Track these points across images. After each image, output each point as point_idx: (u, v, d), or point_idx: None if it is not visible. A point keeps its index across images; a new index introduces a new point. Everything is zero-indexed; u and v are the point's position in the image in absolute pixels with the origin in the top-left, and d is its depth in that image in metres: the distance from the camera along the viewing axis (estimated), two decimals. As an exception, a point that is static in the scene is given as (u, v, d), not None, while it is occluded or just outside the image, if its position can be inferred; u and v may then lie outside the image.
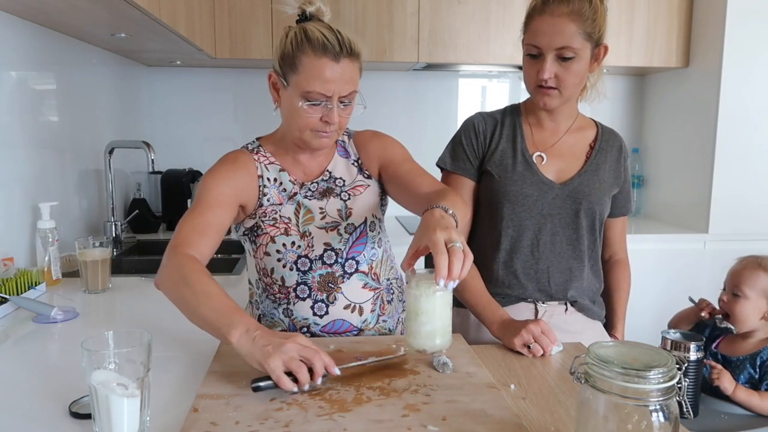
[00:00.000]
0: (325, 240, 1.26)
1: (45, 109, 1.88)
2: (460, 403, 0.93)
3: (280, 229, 1.25)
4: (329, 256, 1.26)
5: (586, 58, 1.30)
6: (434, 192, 1.17)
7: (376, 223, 1.31)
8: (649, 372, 0.67)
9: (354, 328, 1.28)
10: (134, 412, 0.82)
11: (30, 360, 1.16)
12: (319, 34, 1.14)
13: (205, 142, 2.94)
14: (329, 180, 1.30)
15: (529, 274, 1.40)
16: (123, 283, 1.70)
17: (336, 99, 1.15)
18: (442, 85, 3.03)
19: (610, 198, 1.44)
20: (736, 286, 1.56)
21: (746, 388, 1.50)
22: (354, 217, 1.28)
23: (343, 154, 1.34)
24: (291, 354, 0.93)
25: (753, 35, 2.49)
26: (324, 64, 1.13)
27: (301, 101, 1.16)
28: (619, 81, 3.11)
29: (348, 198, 1.29)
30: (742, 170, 2.57)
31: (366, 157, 1.33)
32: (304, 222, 1.26)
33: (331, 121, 1.17)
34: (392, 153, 1.32)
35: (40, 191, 1.81)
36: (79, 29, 1.93)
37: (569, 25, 1.25)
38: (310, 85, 1.14)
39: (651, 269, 2.56)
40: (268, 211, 1.26)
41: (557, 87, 1.30)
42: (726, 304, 1.57)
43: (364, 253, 1.29)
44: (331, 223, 1.27)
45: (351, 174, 1.32)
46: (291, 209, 1.26)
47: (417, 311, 0.89)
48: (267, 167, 1.28)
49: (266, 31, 2.49)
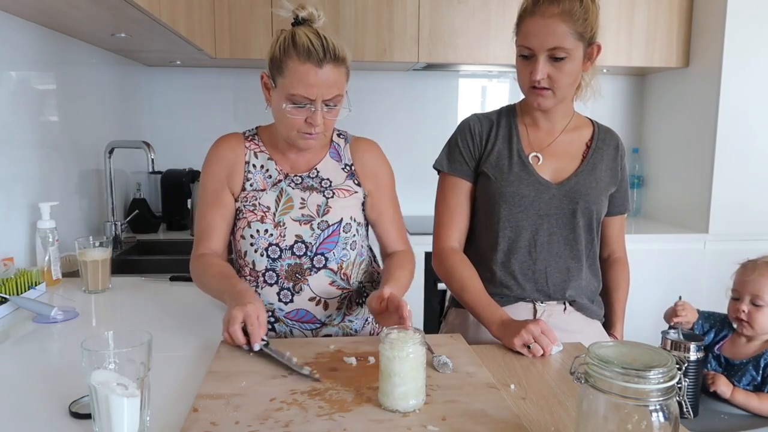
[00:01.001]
0: (297, 232, 1.32)
1: (45, 109, 1.88)
2: (460, 403, 0.93)
3: (257, 216, 1.32)
4: (299, 248, 1.32)
5: (579, 58, 1.30)
6: (391, 257, 1.41)
7: (352, 226, 1.36)
8: (649, 372, 0.67)
9: (317, 321, 1.35)
10: (134, 412, 0.82)
11: (30, 360, 1.16)
12: (306, 39, 1.19)
13: (205, 142, 2.87)
14: (315, 178, 1.36)
15: (527, 275, 1.40)
16: (123, 283, 1.70)
17: (319, 102, 1.21)
18: (442, 85, 3.03)
19: (607, 197, 1.44)
20: (757, 296, 1.53)
21: (744, 390, 1.50)
22: (330, 215, 1.33)
23: (335, 157, 1.39)
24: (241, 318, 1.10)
25: (753, 35, 2.49)
26: (308, 70, 1.19)
27: (285, 103, 1.22)
28: (619, 81, 3.11)
29: (331, 196, 1.35)
30: (742, 170, 2.57)
31: (361, 168, 1.40)
32: (282, 211, 1.33)
33: (314, 123, 1.23)
34: (384, 185, 1.42)
35: (40, 191, 1.81)
36: (79, 29, 1.93)
37: (560, 26, 1.25)
38: (295, 88, 1.21)
39: (651, 269, 2.56)
40: (249, 197, 1.34)
41: (550, 87, 1.30)
42: (748, 315, 1.54)
43: (334, 251, 1.34)
44: (306, 216, 1.32)
45: (339, 177, 1.38)
46: (272, 197, 1.33)
47: (390, 373, 0.90)
48: (256, 154, 1.37)
49: (266, 31, 2.49)
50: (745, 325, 1.55)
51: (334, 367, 1.06)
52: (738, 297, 1.58)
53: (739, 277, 1.59)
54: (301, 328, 1.36)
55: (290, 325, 1.36)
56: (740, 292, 1.57)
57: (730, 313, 1.60)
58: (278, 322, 1.36)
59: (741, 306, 1.55)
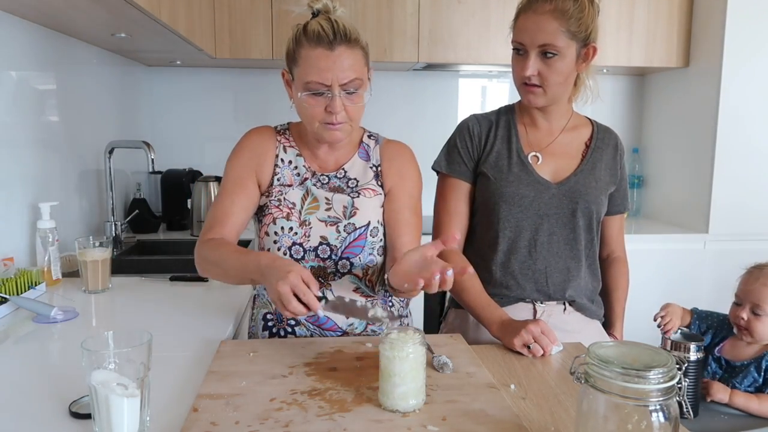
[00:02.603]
0: (322, 233, 1.27)
1: (45, 109, 1.88)
2: (460, 403, 0.93)
3: (283, 212, 1.27)
4: (323, 250, 1.27)
5: (571, 57, 1.30)
6: None
7: (379, 230, 1.30)
8: (649, 372, 0.67)
9: (338, 329, 1.29)
10: (134, 412, 0.82)
11: (30, 360, 1.16)
12: (316, 26, 1.16)
13: (205, 142, 2.94)
14: (342, 178, 1.31)
15: (527, 275, 1.39)
16: (123, 283, 1.70)
17: (336, 87, 1.16)
18: (442, 85, 3.03)
19: (606, 196, 1.44)
20: (758, 306, 1.53)
21: (743, 393, 1.49)
22: (357, 217, 1.28)
23: (364, 157, 1.34)
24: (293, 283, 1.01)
25: (753, 35, 2.48)
26: (319, 54, 1.15)
27: (302, 92, 1.18)
28: (619, 81, 3.10)
29: (357, 196, 1.29)
30: (742, 170, 2.57)
31: (387, 171, 1.33)
32: (308, 210, 1.28)
33: (334, 111, 1.17)
34: (406, 189, 1.32)
35: (40, 191, 1.81)
36: (79, 29, 1.92)
37: (551, 23, 1.26)
38: (309, 75, 1.17)
39: (651, 269, 2.56)
40: (275, 192, 1.29)
41: (541, 85, 1.31)
42: (747, 323, 1.54)
43: (360, 256, 1.28)
44: (332, 218, 1.27)
45: (366, 176, 1.32)
46: (299, 194, 1.29)
47: (390, 373, 0.90)
48: (286, 149, 1.32)
49: (266, 31, 2.49)
50: (745, 332, 1.55)
51: (334, 367, 1.06)
52: (740, 303, 1.58)
53: (743, 284, 1.59)
54: (323, 335, 1.30)
55: (311, 329, 1.30)
56: (742, 299, 1.57)
57: (731, 318, 1.60)
58: (299, 325, 1.30)
59: (741, 313, 1.55)
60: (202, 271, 1.25)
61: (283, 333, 1.31)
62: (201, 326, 1.33)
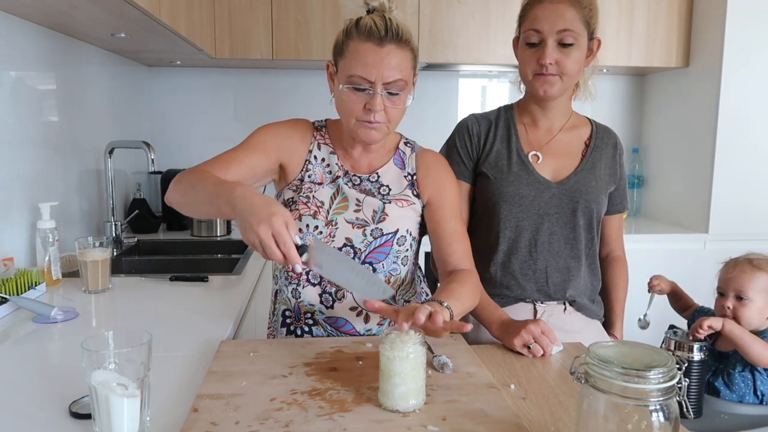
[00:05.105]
0: (347, 234, 1.24)
1: (45, 109, 1.88)
2: (460, 403, 0.93)
3: (310, 210, 1.25)
4: (347, 252, 1.24)
5: (584, 48, 1.32)
6: (453, 274, 1.23)
7: (407, 239, 1.27)
8: (649, 372, 0.67)
9: (355, 333, 1.28)
10: (134, 412, 0.82)
11: (30, 360, 1.16)
12: (369, 21, 1.15)
13: (205, 142, 2.93)
14: (375, 183, 1.29)
15: (528, 275, 1.39)
16: (123, 283, 1.70)
17: (379, 85, 1.14)
18: (442, 85, 3.03)
19: (606, 196, 1.44)
20: (741, 291, 1.54)
21: (740, 326, 1.50)
22: (386, 223, 1.25)
23: (399, 164, 1.32)
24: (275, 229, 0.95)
25: (753, 35, 2.49)
26: (367, 48, 1.14)
27: (344, 85, 1.17)
28: (619, 81, 3.10)
29: (388, 202, 1.27)
30: (742, 170, 2.57)
31: (423, 180, 1.31)
32: (336, 210, 1.25)
33: (373, 109, 1.15)
34: (446, 198, 1.30)
35: (40, 191, 1.81)
36: (79, 29, 1.93)
37: (569, 10, 1.28)
38: (353, 68, 1.15)
39: (651, 269, 2.54)
40: (305, 188, 1.26)
41: (557, 74, 1.31)
42: (734, 311, 1.55)
43: (384, 263, 1.26)
44: (360, 220, 1.25)
45: (400, 185, 1.30)
46: (329, 193, 1.26)
47: (390, 373, 0.90)
48: (320, 146, 1.30)
49: (266, 31, 2.49)
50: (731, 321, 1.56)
51: (334, 367, 1.06)
52: (723, 293, 1.60)
53: (723, 275, 1.62)
54: (340, 337, 1.27)
55: (329, 330, 1.27)
56: (725, 289, 1.59)
57: (716, 310, 1.61)
58: (317, 325, 1.28)
59: (726, 302, 1.57)
60: (173, 192, 1.18)
61: (300, 332, 1.29)
62: (201, 326, 1.33)
